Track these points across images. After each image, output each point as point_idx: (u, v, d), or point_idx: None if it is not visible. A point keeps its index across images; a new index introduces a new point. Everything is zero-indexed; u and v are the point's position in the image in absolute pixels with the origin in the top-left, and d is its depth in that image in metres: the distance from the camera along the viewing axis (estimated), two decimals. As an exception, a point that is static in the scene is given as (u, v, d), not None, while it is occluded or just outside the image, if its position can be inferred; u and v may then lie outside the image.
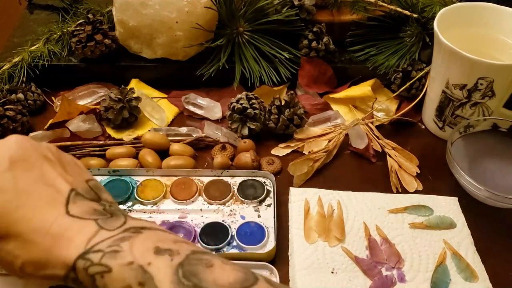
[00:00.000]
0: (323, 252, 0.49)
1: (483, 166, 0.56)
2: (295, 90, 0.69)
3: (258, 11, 0.66)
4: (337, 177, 0.58)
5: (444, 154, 0.56)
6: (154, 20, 0.64)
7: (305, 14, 0.68)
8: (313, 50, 0.68)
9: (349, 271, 0.47)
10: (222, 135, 0.62)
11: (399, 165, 0.58)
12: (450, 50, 0.55)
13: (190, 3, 0.63)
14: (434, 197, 0.55)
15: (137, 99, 0.63)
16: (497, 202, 0.51)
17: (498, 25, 0.61)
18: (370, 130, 0.62)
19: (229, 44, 0.67)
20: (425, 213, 0.53)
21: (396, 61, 0.68)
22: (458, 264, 0.48)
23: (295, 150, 0.61)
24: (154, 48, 0.67)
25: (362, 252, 0.49)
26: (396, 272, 0.48)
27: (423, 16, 0.67)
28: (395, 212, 0.53)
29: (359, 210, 0.53)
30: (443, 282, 0.47)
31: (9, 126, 0.59)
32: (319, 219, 0.52)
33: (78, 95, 0.67)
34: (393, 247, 0.50)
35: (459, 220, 0.52)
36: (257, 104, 0.61)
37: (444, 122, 0.61)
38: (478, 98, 0.57)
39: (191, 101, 0.66)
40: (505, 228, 0.53)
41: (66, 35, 0.69)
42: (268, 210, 0.53)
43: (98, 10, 0.72)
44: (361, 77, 0.69)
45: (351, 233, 0.51)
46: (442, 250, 0.50)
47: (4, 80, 0.64)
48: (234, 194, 0.54)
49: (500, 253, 0.51)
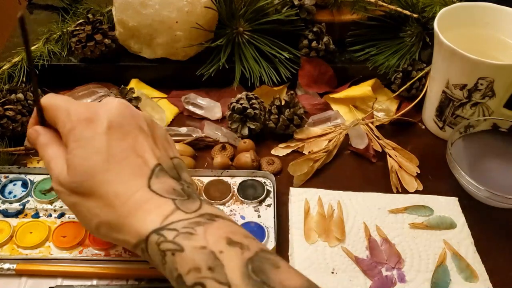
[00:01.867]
0: (323, 252, 0.49)
1: (483, 166, 0.56)
2: (295, 90, 0.69)
3: (258, 11, 0.66)
4: (337, 177, 0.58)
5: (444, 154, 0.56)
6: (154, 20, 0.64)
7: (305, 14, 0.68)
8: (313, 50, 0.68)
9: (349, 271, 0.47)
10: (222, 135, 0.62)
11: (399, 165, 0.58)
12: (450, 50, 0.55)
13: (190, 3, 0.63)
14: (434, 197, 0.55)
15: (137, 99, 0.63)
16: (497, 202, 0.51)
17: (499, 25, 0.61)
18: (370, 130, 0.62)
19: (229, 44, 0.67)
20: (425, 213, 0.53)
21: (396, 61, 0.68)
22: (458, 264, 0.48)
23: (295, 150, 0.61)
24: (154, 48, 0.67)
25: (362, 252, 0.49)
26: (396, 272, 0.48)
27: (423, 16, 0.67)
28: (395, 212, 0.53)
29: (359, 210, 0.53)
30: (443, 282, 0.47)
31: (9, 126, 0.59)
32: (319, 219, 0.52)
33: (78, 95, 0.67)
34: (393, 247, 0.50)
35: (459, 220, 0.52)
36: (257, 104, 0.61)
37: (444, 122, 0.61)
38: (478, 98, 0.57)
39: (191, 101, 0.66)
40: (505, 228, 0.53)
41: (66, 35, 0.69)
42: (268, 210, 0.53)
43: (98, 10, 0.72)
44: (361, 77, 0.69)
45: (351, 233, 0.51)
46: (442, 250, 0.50)
47: (4, 80, 0.64)
48: (234, 194, 0.54)
49: (500, 253, 0.50)
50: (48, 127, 0.43)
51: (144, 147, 0.39)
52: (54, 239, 0.48)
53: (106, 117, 0.39)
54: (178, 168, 0.41)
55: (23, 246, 0.48)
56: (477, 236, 0.51)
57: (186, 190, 0.39)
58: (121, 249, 0.48)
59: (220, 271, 0.32)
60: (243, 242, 0.34)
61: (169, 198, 0.37)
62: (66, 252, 0.48)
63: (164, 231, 0.35)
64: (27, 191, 0.53)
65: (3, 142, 0.58)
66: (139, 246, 0.36)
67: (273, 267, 0.33)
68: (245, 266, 0.33)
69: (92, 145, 0.38)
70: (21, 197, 0.52)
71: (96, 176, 0.37)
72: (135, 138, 0.39)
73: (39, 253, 0.47)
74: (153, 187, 0.37)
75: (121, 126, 0.39)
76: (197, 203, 0.37)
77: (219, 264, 0.33)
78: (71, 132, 0.39)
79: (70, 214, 0.51)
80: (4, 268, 0.45)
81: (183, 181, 0.40)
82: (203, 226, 0.35)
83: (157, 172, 0.38)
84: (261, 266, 0.33)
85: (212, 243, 0.34)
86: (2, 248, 0.48)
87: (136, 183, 0.37)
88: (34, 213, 0.51)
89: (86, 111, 0.39)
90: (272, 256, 0.34)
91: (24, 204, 0.52)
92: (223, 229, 0.35)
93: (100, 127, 0.38)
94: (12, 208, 0.52)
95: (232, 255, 0.33)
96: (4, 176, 0.55)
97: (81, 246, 0.48)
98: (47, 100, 0.42)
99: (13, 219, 0.51)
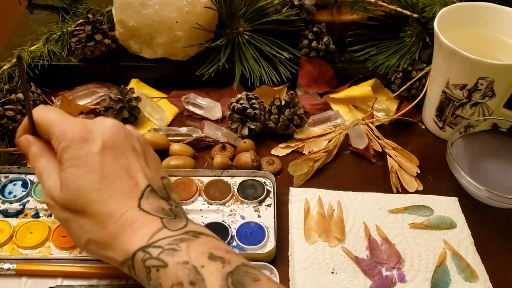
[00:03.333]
0: (323, 252, 0.49)
1: (483, 166, 0.56)
2: (295, 90, 0.69)
3: (258, 11, 0.66)
4: (337, 177, 0.58)
5: (444, 154, 0.55)
6: (154, 20, 0.64)
7: (305, 14, 0.68)
8: (313, 50, 0.68)
9: (349, 271, 0.47)
10: (222, 135, 0.62)
11: (399, 165, 0.58)
12: (450, 50, 0.55)
13: (190, 3, 0.63)
14: (434, 197, 0.55)
15: (137, 99, 0.63)
16: (497, 202, 0.51)
17: (498, 25, 0.61)
18: (370, 130, 0.62)
19: (229, 44, 0.67)
20: (425, 213, 0.53)
21: (396, 61, 0.68)
22: (458, 264, 0.48)
23: (295, 150, 0.61)
24: (154, 48, 0.67)
25: (362, 252, 0.49)
26: (396, 272, 0.48)
27: (423, 16, 0.67)
28: (395, 212, 0.53)
29: (359, 210, 0.53)
30: (443, 282, 0.47)
31: (9, 126, 0.59)
32: (319, 219, 0.52)
33: (78, 95, 0.67)
34: (393, 247, 0.50)
35: (459, 220, 0.52)
36: (257, 104, 0.61)
37: (444, 122, 0.61)
38: (478, 98, 0.57)
39: (191, 101, 0.66)
40: (505, 228, 0.53)
41: (66, 35, 0.69)
42: (268, 210, 0.53)
43: (98, 10, 0.72)
44: (361, 77, 0.69)
45: (351, 233, 0.51)
46: (442, 250, 0.50)
47: (4, 80, 0.64)
48: (234, 194, 0.54)
49: (500, 253, 0.50)
50: (39, 137, 0.43)
51: (136, 167, 0.40)
52: (54, 239, 0.48)
53: (100, 137, 0.40)
54: (168, 188, 0.42)
55: (23, 246, 0.48)
56: (477, 236, 0.51)
57: (173, 210, 0.40)
58: None
59: (201, 285, 0.33)
60: (225, 257, 0.35)
61: (157, 216, 0.38)
62: (66, 252, 0.48)
63: (150, 248, 0.36)
64: (27, 191, 0.53)
65: (3, 142, 0.58)
66: (126, 263, 0.37)
67: (253, 280, 0.34)
68: (225, 280, 0.33)
69: (86, 164, 0.39)
70: (21, 197, 0.52)
71: (88, 195, 0.38)
72: (128, 158, 0.40)
73: (39, 253, 0.47)
74: (143, 206, 0.39)
75: (115, 147, 0.40)
76: (183, 221, 0.39)
77: (201, 278, 0.34)
78: (65, 150, 0.39)
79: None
80: (4, 268, 0.45)
81: (172, 201, 0.41)
82: (187, 243, 0.36)
83: (148, 193, 0.40)
84: (240, 280, 0.34)
85: (194, 258, 0.35)
86: (2, 248, 0.48)
87: (127, 203, 0.38)
88: (34, 213, 0.51)
89: (81, 130, 0.40)
90: (252, 270, 0.35)
91: (24, 204, 0.52)
92: (206, 245, 0.36)
93: (95, 147, 0.39)
94: (12, 208, 0.52)
95: (213, 269, 0.34)
96: (4, 176, 0.55)
97: (81, 246, 0.48)
98: (40, 114, 0.42)
99: (13, 219, 0.51)
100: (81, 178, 0.38)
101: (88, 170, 0.38)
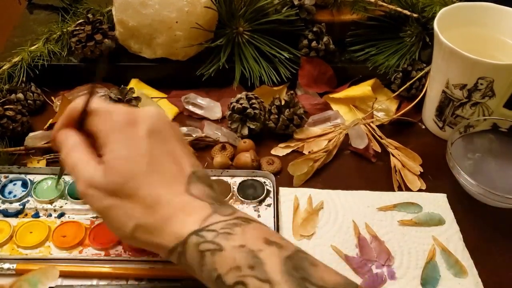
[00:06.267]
0: (313, 251, 0.48)
1: (483, 166, 0.56)
2: (295, 90, 0.69)
3: (258, 11, 0.66)
4: (337, 177, 0.58)
5: (444, 154, 0.56)
6: (154, 20, 0.64)
7: (305, 14, 0.68)
8: (313, 50, 0.68)
9: (339, 270, 0.46)
10: (222, 135, 0.62)
11: (402, 164, 0.58)
12: (450, 50, 0.55)
13: (190, 3, 0.63)
14: (422, 194, 0.55)
15: (137, 99, 0.63)
16: (497, 202, 0.51)
17: (498, 25, 0.61)
18: (372, 130, 0.62)
19: (229, 44, 0.67)
20: (414, 210, 0.53)
21: (396, 61, 0.68)
22: (448, 260, 0.48)
23: (295, 150, 0.61)
24: (154, 48, 0.67)
25: (352, 251, 0.49)
26: (386, 270, 0.48)
27: (423, 16, 0.67)
28: (384, 209, 0.53)
29: (348, 208, 0.53)
30: (433, 278, 0.47)
31: (9, 126, 0.59)
32: (306, 216, 0.52)
33: (78, 95, 0.66)
34: (383, 245, 0.50)
35: (447, 217, 0.53)
36: (257, 104, 0.61)
37: (444, 122, 0.61)
38: (478, 98, 0.57)
39: (191, 101, 0.66)
40: (505, 228, 0.53)
41: (66, 35, 0.69)
42: (268, 210, 0.53)
43: (98, 10, 0.72)
44: (361, 77, 0.69)
45: (340, 232, 0.51)
46: (431, 246, 0.50)
47: (4, 80, 0.64)
48: (234, 194, 0.54)
49: (500, 253, 0.50)
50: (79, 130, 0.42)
51: (181, 154, 0.40)
52: (54, 239, 0.48)
53: (146, 121, 0.39)
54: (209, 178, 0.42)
55: (23, 246, 0.48)
56: (477, 236, 0.51)
57: (219, 197, 0.40)
58: (121, 249, 0.48)
59: (260, 269, 0.32)
60: (280, 242, 0.35)
61: (206, 201, 0.38)
62: (66, 252, 0.48)
63: (204, 232, 0.35)
64: (27, 191, 0.53)
65: (3, 142, 0.58)
66: (176, 250, 0.36)
67: (312, 265, 0.34)
68: (284, 264, 0.33)
69: (134, 147, 0.38)
70: (21, 197, 0.52)
71: (138, 178, 0.37)
72: (173, 144, 0.40)
73: (39, 253, 0.47)
74: (191, 191, 0.38)
75: (160, 132, 0.40)
76: (231, 208, 0.38)
77: (259, 262, 0.33)
78: (112, 133, 0.39)
79: (70, 214, 0.51)
80: (4, 268, 0.45)
81: (215, 189, 0.41)
82: (240, 227, 0.36)
83: (194, 179, 0.39)
84: (300, 264, 0.33)
85: (250, 242, 0.34)
86: (2, 248, 0.48)
87: (176, 187, 0.38)
88: (34, 213, 0.51)
89: (127, 115, 0.40)
90: (309, 256, 0.35)
91: (24, 204, 0.52)
92: (259, 230, 0.36)
93: (142, 131, 0.39)
94: (12, 208, 0.52)
95: (271, 253, 0.34)
96: (4, 176, 0.55)
97: (81, 246, 0.48)
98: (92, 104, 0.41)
99: (13, 219, 0.51)
100: (130, 160, 0.38)
101: (137, 152, 0.38)
